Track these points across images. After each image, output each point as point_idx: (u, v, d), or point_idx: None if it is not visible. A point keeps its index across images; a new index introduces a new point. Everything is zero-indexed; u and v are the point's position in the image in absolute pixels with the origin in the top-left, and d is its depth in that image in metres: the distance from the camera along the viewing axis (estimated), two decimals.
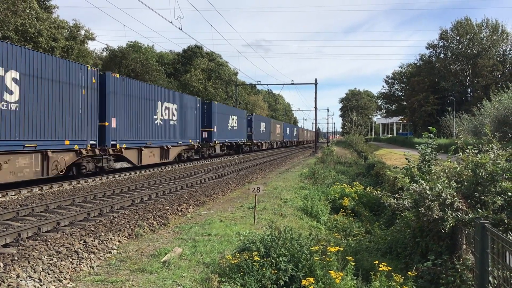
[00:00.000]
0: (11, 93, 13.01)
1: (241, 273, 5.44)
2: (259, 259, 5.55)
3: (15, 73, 13.12)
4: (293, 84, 49.15)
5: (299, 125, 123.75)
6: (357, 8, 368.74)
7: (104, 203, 11.65)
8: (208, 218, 9.73)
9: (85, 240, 7.44)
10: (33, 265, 5.99)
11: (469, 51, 57.76)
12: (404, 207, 6.54)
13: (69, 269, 6.06)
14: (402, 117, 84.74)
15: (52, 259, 6.32)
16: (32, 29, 29.53)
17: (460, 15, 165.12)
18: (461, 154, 6.39)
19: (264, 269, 5.44)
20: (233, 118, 37.48)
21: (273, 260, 5.58)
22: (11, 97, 13.02)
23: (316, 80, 46.24)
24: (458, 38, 58.60)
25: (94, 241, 7.45)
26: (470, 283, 4.90)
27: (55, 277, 5.74)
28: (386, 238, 7.95)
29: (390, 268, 5.26)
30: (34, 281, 5.51)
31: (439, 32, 62.00)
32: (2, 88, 12.66)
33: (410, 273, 5.33)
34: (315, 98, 46.80)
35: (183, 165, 25.27)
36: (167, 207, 11.10)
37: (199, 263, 6.30)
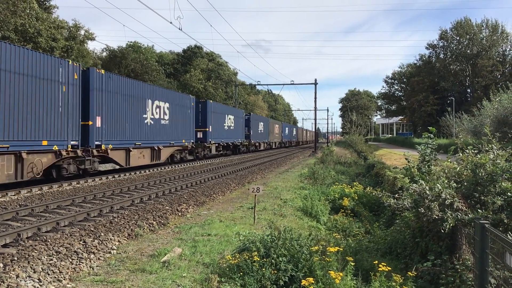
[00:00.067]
0: None
1: (241, 273, 5.44)
2: (258, 259, 5.56)
3: None
4: (293, 84, 49.18)
5: (299, 125, 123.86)
6: (357, 8, 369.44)
7: (103, 203, 11.65)
8: (208, 218, 9.73)
9: (85, 240, 7.44)
10: (32, 265, 5.99)
11: (469, 51, 57.80)
12: (404, 207, 6.55)
13: (68, 269, 6.06)
14: (402, 117, 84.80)
15: (52, 259, 6.32)
16: (31, 29, 29.54)
17: (460, 15, 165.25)
18: (461, 154, 6.39)
19: (264, 269, 5.44)
20: (230, 117, 36.60)
21: (272, 260, 5.58)
22: None
23: (316, 80, 46.31)
24: (458, 38, 58.66)
25: (94, 241, 7.45)
26: (470, 283, 4.90)
27: (55, 277, 5.74)
28: (386, 238, 7.95)
29: (389, 268, 5.26)
30: (33, 281, 5.51)
31: (439, 32, 62.16)
32: None
33: (410, 273, 5.33)
34: (315, 98, 46.85)
35: (182, 165, 25.26)
36: (166, 207, 11.10)
37: (198, 263, 6.31)
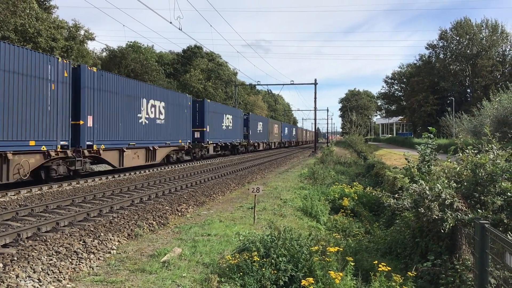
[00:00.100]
0: None
1: (241, 274, 5.43)
2: (258, 259, 5.55)
3: None
4: (292, 84, 49.09)
5: (298, 125, 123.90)
6: (356, 9, 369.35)
7: (103, 203, 11.64)
8: (207, 218, 9.73)
9: (85, 240, 7.43)
10: (32, 265, 5.99)
11: (468, 51, 57.83)
12: (403, 207, 6.55)
13: (68, 269, 6.06)
14: (402, 117, 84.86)
15: (52, 259, 6.31)
16: (31, 29, 29.54)
17: (460, 15, 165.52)
18: (461, 154, 6.39)
19: (263, 269, 5.44)
20: (228, 117, 36.16)
21: (272, 261, 5.58)
22: None
23: (315, 80, 46.31)
24: (457, 38, 58.68)
25: (94, 241, 7.45)
26: (470, 283, 4.90)
27: (55, 277, 5.74)
28: (386, 238, 7.95)
29: (389, 268, 5.26)
30: (33, 281, 5.51)
31: (438, 32, 62.21)
32: None
33: (409, 273, 5.33)
34: (315, 98, 46.85)
35: (182, 165, 25.26)
36: (166, 207, 11.10)
37: (198, 263, 6.30)
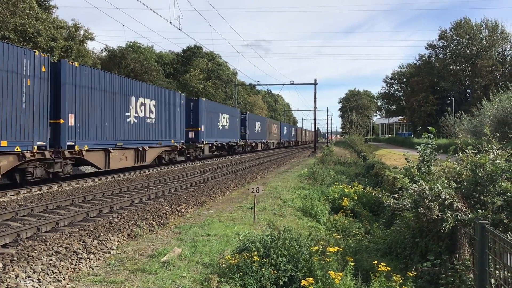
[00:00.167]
0: None
1: (241, 274, 5.43)
2: (258, 259, 5.55)
3: None
4: (292, 84, 49.03)
5: (298, 125, 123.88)
6: (356, 9, 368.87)
7: (103, 203, 11.64)
8: (207, 219, 9.73)
9: (85, 240, 7.43)
10: (32, 265, 5.99)
11: (468, 51, 57.86)
12: (403, 208, 6.55)
13: (68, 269, 6.06)
14: (402, 117, 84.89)
15: (52, 260, 6.31)
16: (31, 29, 29.52)
17: (460, 15, 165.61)
18: (461, 154, 6.39)
19: (263, 269, 5.43)
20: (224, 116, 35.20)
21: (272, 261, 5.58)
22: None
23: (315, 80, 46.28)
24: (457, 38, 58.73)
25: (94, 241, 7.44)
26: (470, 283, 4.90)
27: (54, 277, 5.74)
28: (386, 238, 7.95)
29: (389, 269, 5.26)
30: (33, 281, 5.51)
31: (438, 33, 62.27)
32: None
33: (409, 273, 5.33)
34: (315, 98, 46.83)
35: (182, 165, 25.25)
36: (166, 207, 11.09)
37: (198, 264, 6.30)
